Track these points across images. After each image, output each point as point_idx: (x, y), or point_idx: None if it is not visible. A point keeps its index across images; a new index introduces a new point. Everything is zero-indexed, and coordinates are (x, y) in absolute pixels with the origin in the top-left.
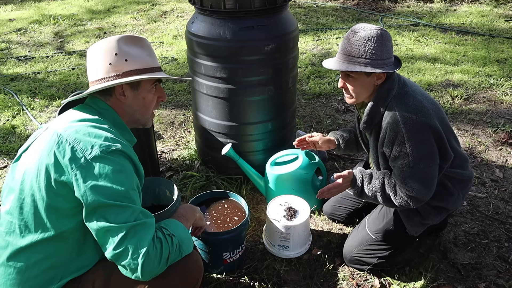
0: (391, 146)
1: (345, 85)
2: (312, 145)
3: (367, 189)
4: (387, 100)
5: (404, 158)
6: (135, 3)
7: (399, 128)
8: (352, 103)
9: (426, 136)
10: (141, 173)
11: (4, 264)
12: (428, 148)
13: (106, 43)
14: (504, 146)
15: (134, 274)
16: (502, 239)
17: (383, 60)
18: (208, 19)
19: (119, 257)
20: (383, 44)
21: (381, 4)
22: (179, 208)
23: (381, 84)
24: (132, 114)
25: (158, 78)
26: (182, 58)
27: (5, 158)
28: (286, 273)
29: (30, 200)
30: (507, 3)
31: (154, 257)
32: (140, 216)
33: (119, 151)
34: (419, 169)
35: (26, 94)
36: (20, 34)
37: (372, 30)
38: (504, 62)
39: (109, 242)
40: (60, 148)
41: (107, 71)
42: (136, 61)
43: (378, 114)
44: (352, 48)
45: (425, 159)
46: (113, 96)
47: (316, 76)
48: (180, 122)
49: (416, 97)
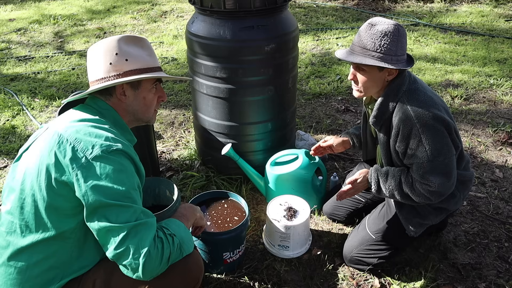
0: (406, 142)
1: (355, 78)
2: (329, 149)
3: (384, 188)
4: (397, 95)
5: (422, 153)
6: (135, 3)
7: (413, 123)
8: (360, 97)
9: (440, 129)
10: (142, 173)
11: (5, 264)
12: (444, 140)
13: (107, 43)
14: (504, 146)
15: (135, 273)
16: (502, 239)
17: (396, 56)
18: (208, 19)
19: (120, 256)
20: (398, 41)
21: (381, 4)
22: (180, 208)
23: (392, 80)
24: (133, 113)
25: (158, 77)
26: (182, 58)
27: (5, 158)
28: (286, 273)
29: (31, 200)
30: (507, 3)
31: (155, 257)
32: (141, 216)
33: (120, 150)
34: (439, 162)
35: (26, 94)
36: (20, 34)
37: (390, 25)
38: (504, 62)
39: (110, 242)
40: (61, 148)
41: (107, 71)
42: (136, 61)
43: (388, 109)
44: (367, 41)
45: (444, 151)
46: (113, 96)
47: (316, 76)
48: (180, 122)
49: (426, 93)
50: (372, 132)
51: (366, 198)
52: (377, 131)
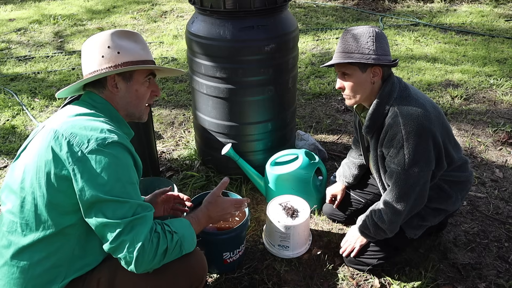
0: (389, 146)
1: (342, 85)
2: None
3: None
4: (388, 103)
5: (400, 159)
6: (135, 3)
7: (399, 129)
8: (352, 104)
9: (425, 140)
10: (139, 165)
11: (8, 264)
12: (425, 152)
13: (100, 36)
14: (504, 146)
15: (129, 266)
16: (502, 239)
17: (377, 55)
18: (208, 19)
19: (116, 250)
20: (376, 41)
21: (381, 4)
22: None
23: (382, 88)
24: (125, 107)
25: (149, 68)
26: (182, 58)
27: (5, 158)
28: (286, 273)
29: (31, 198)
30: (507, 3)
31: (149, 251)
32: (138, 209)
33: (116, 142)
34: (412, 172)
35: (26, 94)
36: (20, 34)
37: (365, 28)
38: (504, 62)
39: (107, 236)
40: (57, 143)
41: (99, 64)
42: (128, 54)
43: (380, 117)
44: (345, 45)
45: (421, 163)
46: (106, 88)
47: (316, 76)
48: (180, 122)
49: (418, 100)
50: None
51: (366, 198)
52: (368, 139)
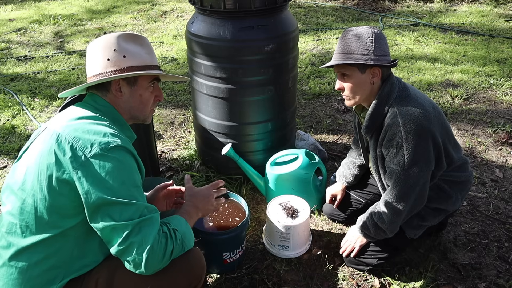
0: (388, 147)
1: (341, 86)
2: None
3: (372, 231)
4: (388, 103)
5: (400, 159)
6: (135, 3)
7: (399, 129)
8: (351, 105)
9: (424, 140)
10: (142, 168)
11: (6, 264)
12: (425, 153)
13: (106, 39)
14: (504, 146)
15: (138, 269)
16: (502, 239)
17: (376, 56)
18: (208, 19)
19: (124, 252)
20: (375, 41)
21: (381, 4)
22: (185, 205)
23: (381, 88)
24: (129, 111)
25: (154, 75)
26: (182, 58)
27: (5, 158)
28: (286, 273)
29: (32, 201)
30: (507, 3)
31: (158, 252)
32: (145, 211)
33: (119, 146)
34: (412, 172)
35: (26, 94)
36: (20, 34)
37: (364, 29)
38: (504, 62)
39: (115, 239)
40: (60, 147)
41: (104, 67)
42: (134, 58)
43: (379, 118)
44: (345, 46)
45: (420, 163)
46: (110, 92)
47: (316, 76)
48: (180, 122)
49: (417, 101)
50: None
51: (366, 198)
52: (368, 139)
